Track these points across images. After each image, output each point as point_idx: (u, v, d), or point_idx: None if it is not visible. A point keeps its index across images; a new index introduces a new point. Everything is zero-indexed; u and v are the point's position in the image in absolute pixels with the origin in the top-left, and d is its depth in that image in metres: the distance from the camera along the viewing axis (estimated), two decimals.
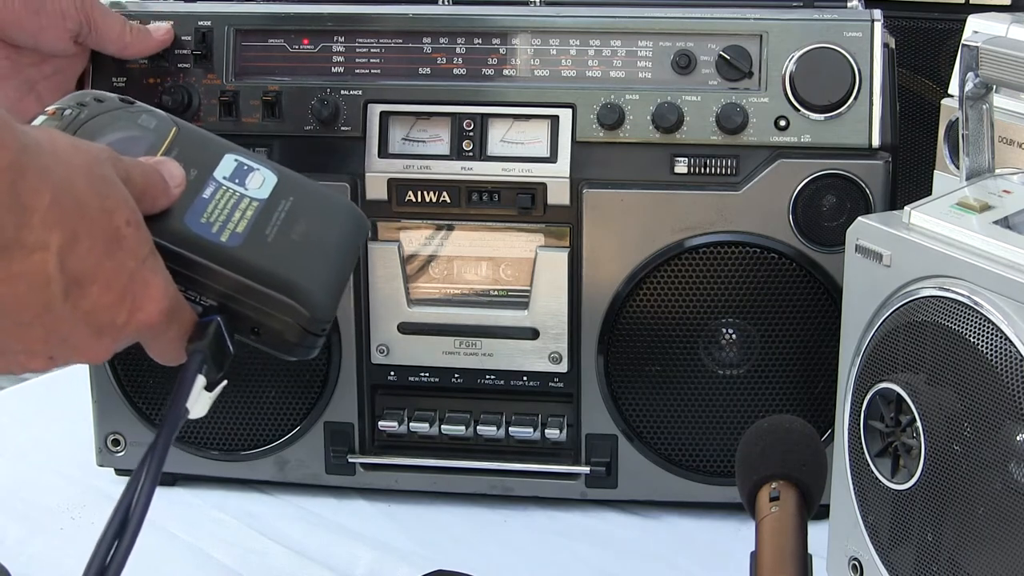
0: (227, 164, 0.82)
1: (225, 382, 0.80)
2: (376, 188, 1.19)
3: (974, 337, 0.90)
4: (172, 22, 1.20)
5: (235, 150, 0.84)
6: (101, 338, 0.73)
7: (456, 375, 1.23)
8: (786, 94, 1.15)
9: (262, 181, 0.83)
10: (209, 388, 0.79)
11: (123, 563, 0.71)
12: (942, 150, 1.13)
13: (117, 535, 0.71)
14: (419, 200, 1.19)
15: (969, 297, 0.91)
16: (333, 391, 1.24)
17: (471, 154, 1.19)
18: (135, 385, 1.27)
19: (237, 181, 0.82)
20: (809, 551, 0.80)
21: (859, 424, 1.00)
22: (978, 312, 0.90)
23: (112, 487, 1.30)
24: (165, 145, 0.81)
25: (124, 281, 0.72)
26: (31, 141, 0.67)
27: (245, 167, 0.83)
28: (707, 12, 1.18)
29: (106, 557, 0.70)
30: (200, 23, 1.21)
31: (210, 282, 0.79)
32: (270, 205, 0.82)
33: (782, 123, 1.15)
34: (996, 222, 0.95)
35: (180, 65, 1.21)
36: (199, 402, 0.78)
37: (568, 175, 1.17)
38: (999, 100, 1.05)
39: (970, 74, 1.01)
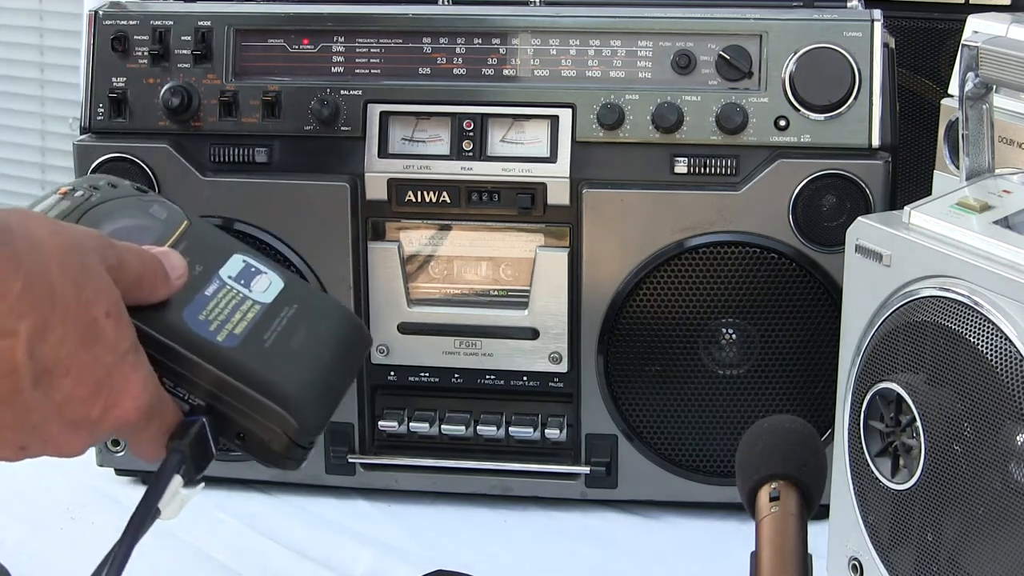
0: (234, 264, 0.81)
1: (203, 485, 0.77)
2: (376, 188, 1.19)
3: (974, 337, 0.89)
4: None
5: (245, 251, 0.82)
6: (76, 431, 0.71)
7: (456, 375, 1.23)
8: (786, 94, 1.15)
9: (268, 285, 0.81)
10: (187, 487, 0.76)
11: None
12: (942, 150, 1.13)
13: None
14: (419, 200, 1.19)
15: (969, 297, 0.91)
16: None
17: (471, 154, 1.19)
18: None
19: (243, 282, 0.80)
20: (809, 551, 0.79)
21: (859, 424, 1.00)
22: (978, 312, 0.90)
23: (112, 487, 1.30)
24: (174, 237, 0.80)
25: (100, 375, 0.70)
26: (2, 229, 0.66)
27: (252, 269, 0.81)
28: (707, 12, 1.18)
29: None
30: (200, 23, 1.21)
31: (200, 380, 0.76)
32: (272, 310, 0.80)
33: (782, 123, 1.15)
34: (996, 222, 0.95)
35: (180, 65, 1.21)
36: (173, 502, 0.75)
37: (568, 175, 1.17)
38: (999, 100, 1.05)
39: (970, 74, 1.01)
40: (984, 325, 0.89)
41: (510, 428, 1.23)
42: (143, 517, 0.73)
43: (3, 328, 0.65)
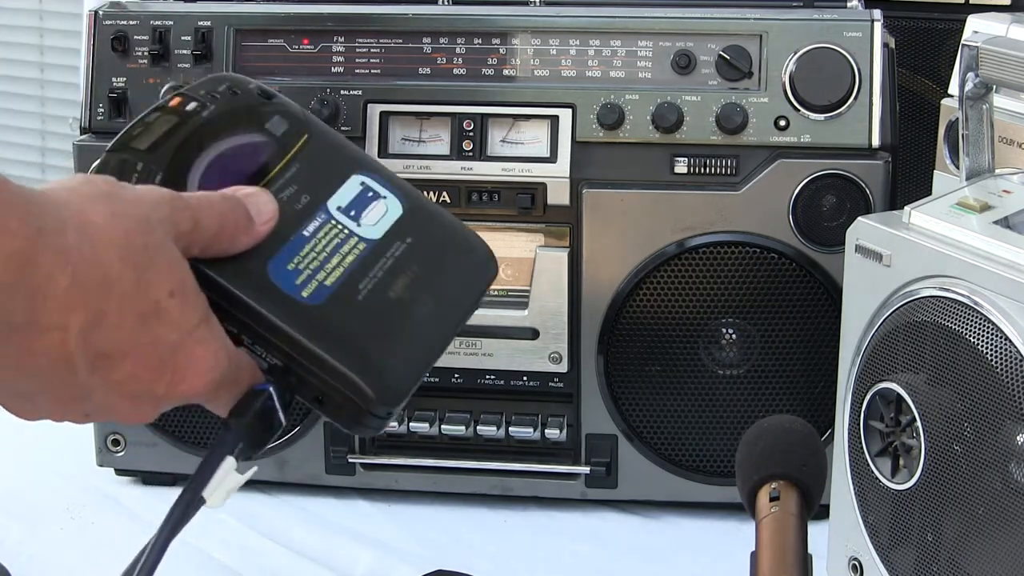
0: (349, 189, 0.73)
1: (255, 469, 0.71)
2: None
3: (974, 337, 0.89)
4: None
5: (367, 169, 0.75)
6: (140, 405, 0.69)
7: (456, 375, 1.23)
8: (786, 94, 1.15)
9: (383, 214, 0.73)
10: (241, 470, 0.70)
11: None
12: (942, 150, 1.13)
13: None
14: None
15: (969, 297, 0.91)
16: None
17: (471, 154, 1.19)
18: None
19: (352, 214, 0.72)
20: (809, 551, 0.79)
21: (859, 424, 1.00)
22: (978, 312, 0.90)
23: (112, 487, 1.30)
24: (286, 159, 0.73)
25: (163, 354, 0.67)
26: (52, 223, 0.63)
27: (370, 194, 0.74)
28: (707, 12, 1.18)
29: None
30: (200, 23, 1.21)
31: (277, 340, 0.70)
32: (379, 249, 0.72)
33: (782, 123, 1.15)
34: (996, 222, 0.95)
35: (180, 65, 1.21)
36: (223, 486, 0.70)
37: (568, 175, 1.17)
38: (999, 100, 1.05)
39: (970, 74, 1.01)
40: (984, 325, 0.89)
41: (510, 428, 1.23)
42: (187, 503, 0.69)
43: (51, 323, 0.63)
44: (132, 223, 0.66)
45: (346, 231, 0.72)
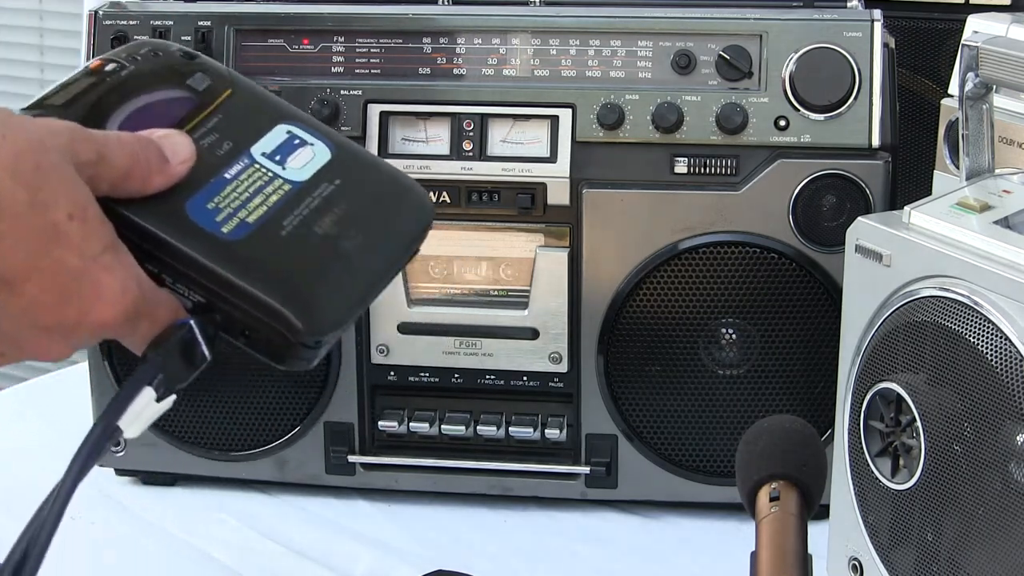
0: (274, 137, 0.73)
1: (173, 397, 0.70)
2: None
3: (974, 337, 0.89)
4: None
5: (294, 120, 0.75)
6: (51, 336, 0.68)
7: (456, 375, 1.23)
8: (786, 94, 1.15)
9: (309, 159, 0.73)
10: (160, 399, 0.69)
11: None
12: (942, 150, 1.13)
13: (23, 556, 0.67)
14: None
15: (969, 297, 0.91)
16: (333, 391, 1.24)
17: (471, 154, 1.19)
18: None
19: (277, 159, 0.73)
20: (809, 551, 0.79)
21: (859, 424, 1.00)
22: (978, 312, 0.90)
23: (112, 487, 1.30)
24: (207, 112, 0.73)
25: (67, 280, 0.66)
26: None
27: (296, 141, 0.74)
28: (707, 12, 1.18)
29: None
30: (200, 23, 1.21)
31: (196, 277, 0.70)
32: (305, 190, 0.72)
33: (782, 123, 1.15)
34: (996, 222, 0.95)
35: None
36: (139, 418, 0.69)
37: (568, 175, 1.17)
38: (999, 100, 1.05)
39: (970, 74, 1.01)
40: (984, 325, 0.89)
41: (510, 428, 1.23)
42: (103, 431, 0.68)
43: None
44: (23, 144, 0.65)
45: (270, 174, 0.72)
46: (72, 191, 0.66)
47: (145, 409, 0.69)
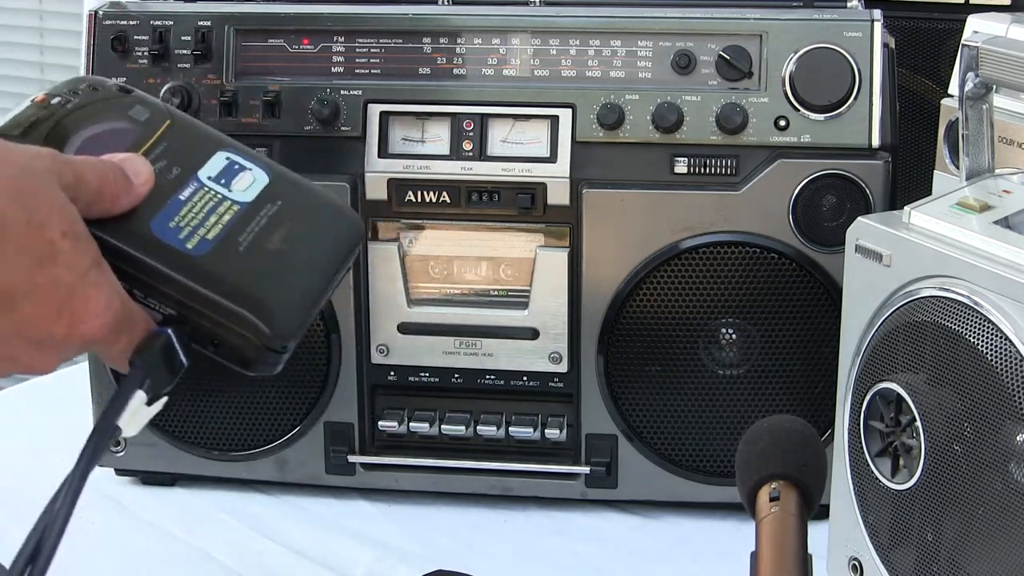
0: (216, 163, 0.79)
1: (165, 399, 0.76)
2: (376, 188, 1.19)
3: (974, 337, 0.89)
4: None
5: (231, 147, 0.80)
6: (42, 350, 0.71)
7: (456, 375, 1.23)
8: (786, 94, 1.15)
9: (250, 183, 0.79)
10: (151, 403, 0.75)
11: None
12: (942, 150, 1.13)
13: (33, 555, 0.69)
14: (419, 200, 1.19)
15: (969, 297, 0.91)
16: (333, 391, 1.24)
17: (471, 154, 1.19)
18: None
19: (223, 182, 0.78)
20: (809, 551, 0.79)
21: (859, 424, 1.00)
22: (978, 312, 0.90)
23: (112, 487, 1.30)
24: (152, 140, 0.78)
25: (60, 295, 0.70)
26: None
27: (236, 167, 0.79)
28: (707, 12, 1.18)
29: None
30: (200, 23, 1.21)
31: (167, 290, 0.75)
32: (252, 210, 0.78)
33: (782, 123, 1.15)
34: (996, 222, 0.95)
35: (180, 65, 1.21)
36: (135, 419, 0.74)
37: (568, 175, 1.17)
38: (999, 100, 1.05)
39: (970, 74, 1.01)
40: (984, 325, 0.89)
41: (510, 428, 1.23)
42: (103, 434, 0.73)
43: None
44: (14, 169, 0.69)
45: (219, 195, 0.78)
46: (63, 211, 0.70)
47: (139, 410, 0.74)
